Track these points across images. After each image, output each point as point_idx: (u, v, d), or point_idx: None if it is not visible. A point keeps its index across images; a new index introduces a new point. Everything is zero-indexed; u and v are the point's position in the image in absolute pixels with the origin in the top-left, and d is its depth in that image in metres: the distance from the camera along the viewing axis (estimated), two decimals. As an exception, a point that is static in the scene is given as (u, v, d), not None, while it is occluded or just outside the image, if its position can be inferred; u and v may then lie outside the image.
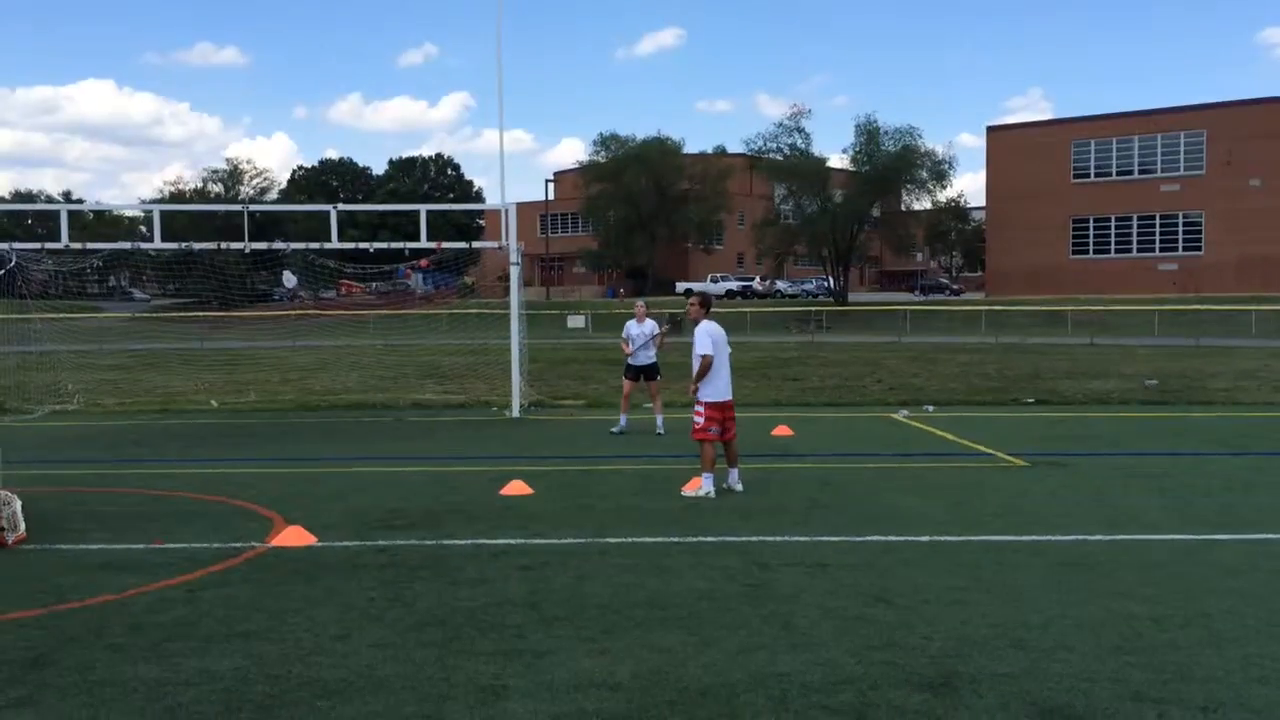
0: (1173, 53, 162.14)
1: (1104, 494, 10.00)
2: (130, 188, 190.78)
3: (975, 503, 9.62)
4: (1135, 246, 60.55)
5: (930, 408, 17.41)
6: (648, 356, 14.52)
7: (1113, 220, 60.93)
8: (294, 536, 8.12)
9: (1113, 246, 61.23)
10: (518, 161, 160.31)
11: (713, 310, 10.46)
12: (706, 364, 9.83)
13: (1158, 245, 59.88)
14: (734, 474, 10.18)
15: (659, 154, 75.94)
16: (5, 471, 8.28)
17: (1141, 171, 60.56)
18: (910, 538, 8.15)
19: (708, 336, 9.87)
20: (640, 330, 14.55)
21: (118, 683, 5.15)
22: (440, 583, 6.93)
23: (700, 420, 9.87)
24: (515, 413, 16.90)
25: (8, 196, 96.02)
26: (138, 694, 5.01)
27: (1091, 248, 61.74)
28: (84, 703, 4.90)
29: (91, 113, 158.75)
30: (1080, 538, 8.15)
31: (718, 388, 9.89)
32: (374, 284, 49.18)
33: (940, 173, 62.16)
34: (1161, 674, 5.19)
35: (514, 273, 17.43)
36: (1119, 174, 61.15)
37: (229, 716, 4.75)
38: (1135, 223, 60.39)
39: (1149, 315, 42.85)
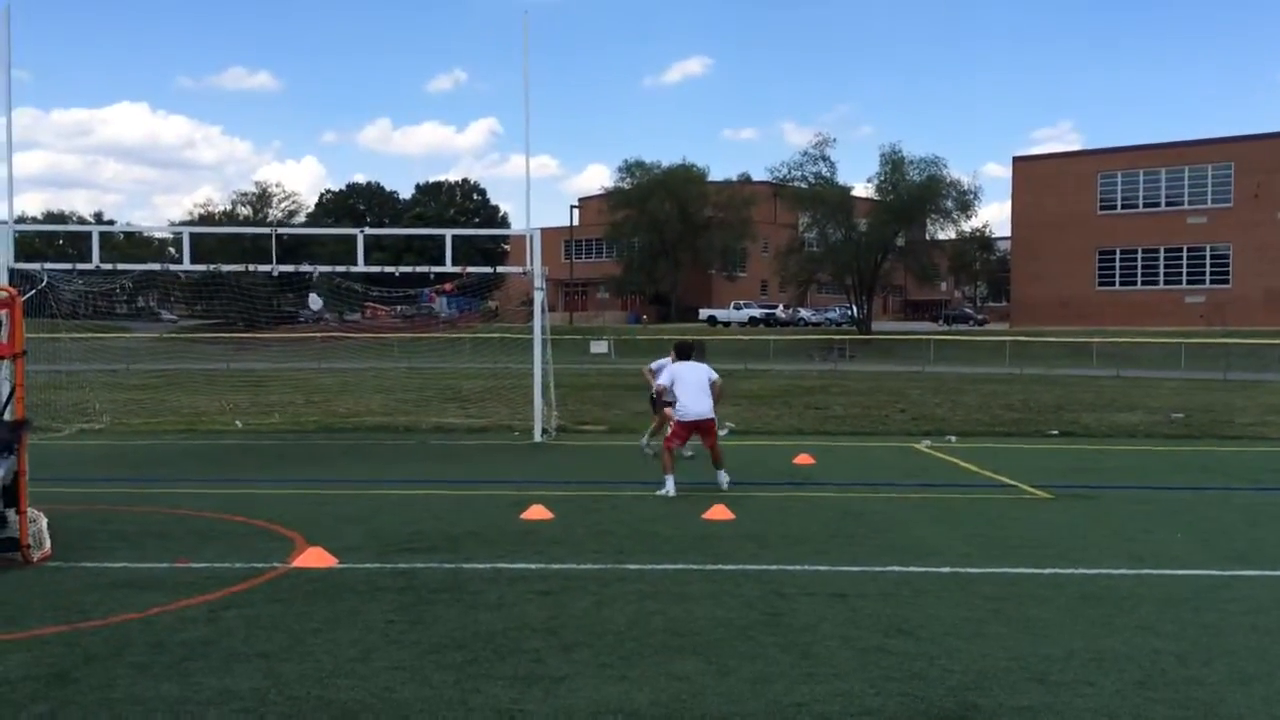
0: (1202, 85, 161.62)
1: (1127, 527, 9.92)
2: (161, 209, 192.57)
3: (997, 534, 9.57)
4: (1162, 278, 60.16)
5: (953, 438, 17.33)
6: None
7: (1139, 252, 60.60)
8: (315, 558, 8.17)
9: (1139, 278, 60.86)
10: (543, 187, 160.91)
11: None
12: (657, 390, 12.73)
13: (1185, 277, 59.48)
14: (721, 475, 11.95)
15: (684, 181, 76.19)
16: (32, 489, 8.37)
17: (1169, 203, 60.26)
18: (931, 569, 8.11)
19: (667, 373, 12.30)
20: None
21: (139, 700, 5.19)
22: (459, 606, 6.95)
23: (667, 432, 12.18)
24: (537, 437, 16.94)
25: (40, 217, 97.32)
26: (158, 712, 5.05)
27: (1118, 279, 61.39)
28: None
29: (125, 135, 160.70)
30: (1103, 571, 8.08)
31: (683, 411, 11.80)
32: (399, 307, 49.46)
33: (965, 203, 62.06)
34: (1185, 710, 5.14)
35: (537, 297, 17.52)
36: (1146, 205, 60.86)
37: (248, 736, 4.77)
38: (1162, 254, 60.03)
39: (1175, 348, 42.51)
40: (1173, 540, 9.35)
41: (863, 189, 64.21)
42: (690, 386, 11.83)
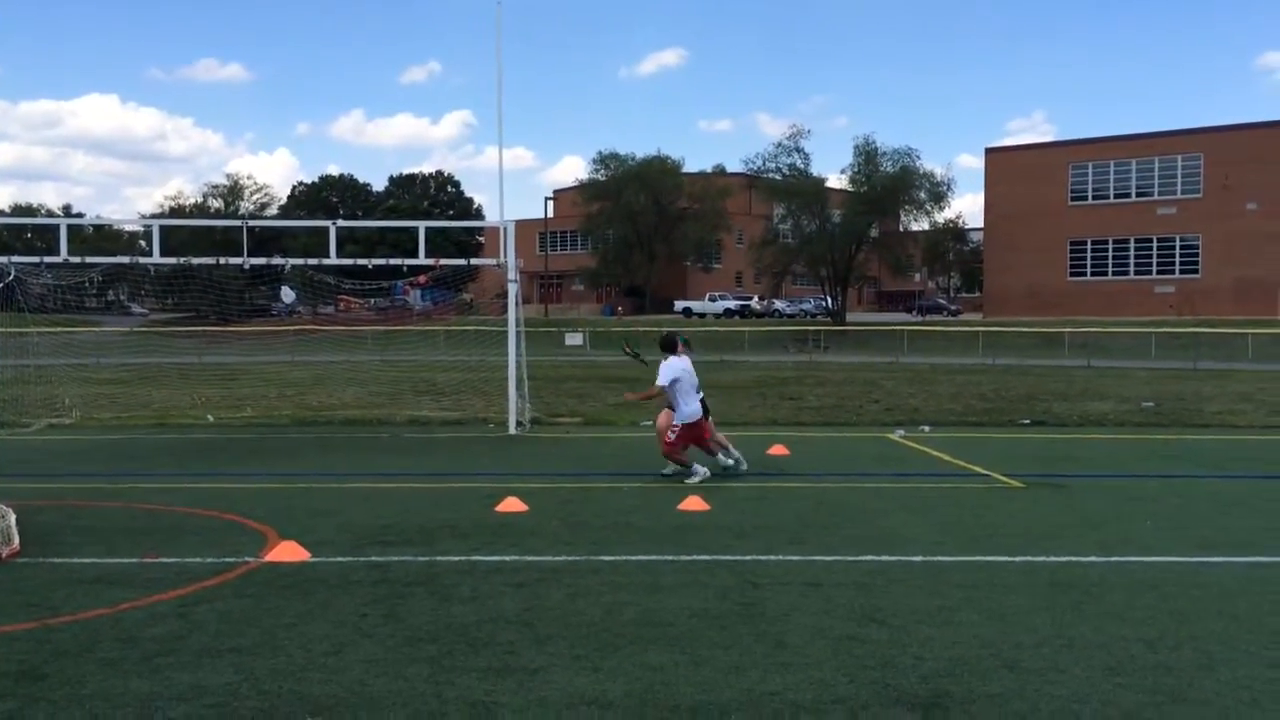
0: (1174, 76, 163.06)
1: (1098, 515, 10.01)
2: (131, 202, 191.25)
3: (969, 523, 9.63)
4: (1133, 269, 60.73)
5: (926, 428, 17.42)
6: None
7: (1110, 242, 61.12)
8: (287, 552, 8.11)
9: (1110, 268, 61.41)
10: (518, 179, 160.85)
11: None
12: (653, 394, 12.14)
13: (1155, 268, 60.06)
14: (732, 452, 12.25)
15: (658, 173, 76.24)
16: (1, 484, 8.28)
17: (1139, 194, 60.82)
18: (904, 558, 8.16)
19: (669, 372, 11.83)
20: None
21: (109, 697, 5.15)
22: (433, 599, 6.93)
23: (672, 437, 11.82)
24: (511, 429, 16.90)
25: (7, 210, 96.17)
26: (129, 708, 5.01)
27: (1089, 269, 61.91)
28: (75, 716, 4.91)
29: (94, 127, 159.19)
30: (1073, 559, 8.15)
31: (687, 413, 11.78)
32: (372, 300, 49.19)
33: (938, 194, 62.41)
34: (1154, 696, 5.19)
35: (511, 290, 17.46)
36: (1117, 196, 61.39)
37: (219, 731, 4.74)
38: (1133, 245, 60.58)
39: (1146, 337, 42.91)
40: (1142, 528, 9.44)
41: (837, 180, 64.51)
42: (689, 389, 12.09)
